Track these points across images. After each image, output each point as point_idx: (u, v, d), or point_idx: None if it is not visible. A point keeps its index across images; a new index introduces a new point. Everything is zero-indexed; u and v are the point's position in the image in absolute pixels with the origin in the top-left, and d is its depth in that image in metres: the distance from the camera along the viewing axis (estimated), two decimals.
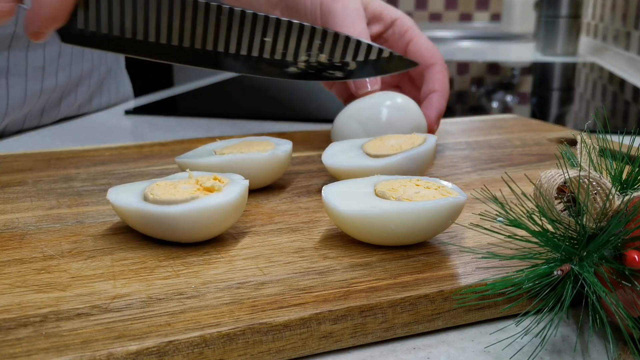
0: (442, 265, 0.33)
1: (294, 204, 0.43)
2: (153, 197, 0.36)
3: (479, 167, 0.53)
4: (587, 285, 0.28)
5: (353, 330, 0.29)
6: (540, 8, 1.72)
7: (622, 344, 0.28)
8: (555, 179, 0.31)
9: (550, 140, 0.62)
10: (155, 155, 0.57)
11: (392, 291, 0.30)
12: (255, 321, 0.28)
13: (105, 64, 0.86)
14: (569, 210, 0.30)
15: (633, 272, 0.27)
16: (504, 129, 0.67)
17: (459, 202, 0.35)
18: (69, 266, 0.33)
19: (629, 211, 0.28)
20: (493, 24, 2.73)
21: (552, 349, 0.29)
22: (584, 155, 0.33)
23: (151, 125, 0.77)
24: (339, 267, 0.33)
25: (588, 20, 1.97)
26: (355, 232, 0.35)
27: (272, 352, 0.28)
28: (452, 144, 0.61)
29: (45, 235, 0.38)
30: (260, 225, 0.39)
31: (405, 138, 0.46)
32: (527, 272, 0.29)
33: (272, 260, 0.34)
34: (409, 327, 0.30)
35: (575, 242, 0.30)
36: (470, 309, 0.31)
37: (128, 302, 0.29)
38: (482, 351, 0.29)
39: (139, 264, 0.34)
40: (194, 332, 0.27)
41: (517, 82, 1.27)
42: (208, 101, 0.99)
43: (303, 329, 0.28)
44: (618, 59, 1.45)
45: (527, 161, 0.55)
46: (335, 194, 0.37)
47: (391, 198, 0.35)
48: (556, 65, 1.49)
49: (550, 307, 0.29)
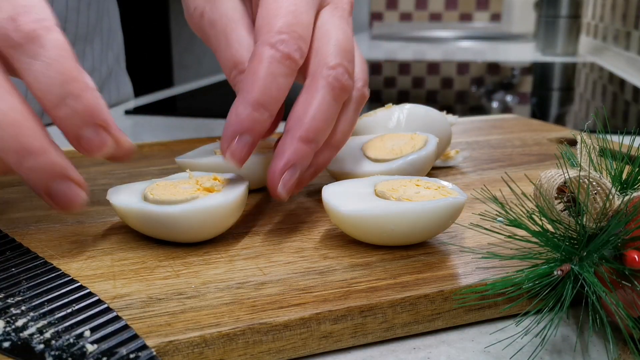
0: (442, 265, 0.33)
1: (294, 204, 0.43)
2: (153, 197, 0.36)
3: (479, 167, 0.53)
4: (587, 285, 0.28)
5: (353, 330, 0.29)
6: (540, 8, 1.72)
7: (622, 344, 0.28)
8: (555, 179, 0.31)
9: (550, 140, 0.62)
10: (155, 155, 0.57)
11: (392, 291, 0.30)
12: (255, 321, 0.28)
13: (106, 65, 0.86)
14: (569, 210, 0.30)
15: (633, 272, 0.27)
16: (504, 129, 0.67)
17: (459, 202, 0.35)
18: (69, 266, 0.33)
19: (629, 211, 0.28)
20: (493, 24, 2.73)
21: (552, 349, 0.29)
22: (584, 155, 0.33)
23: (151, 125, 0.77)
24: (339, 267, 0.33)
25: (588, 20, 1.97)
26: (355, 232, 0.35)
27: (272, 352, 0.28)
28: (452, 144, 0.61)
29: (45, 235, 0.38)
30: (260, 225, 0.40)
31: (405, 139, 0.46)
32: (527, 272, 0.29)
33: (272, 260, 0.34)
34: (409, 327, 0.30)
35: (575, 242, 0.30)
36: (470, 309, 0.31)
37: (128, 302, 0.29)
38: (482, 351, 0.29)
39: (139, 264, 0.34)
40: (194, 332, 0.27)
41: (517, 82, 1.27)
42: (208, 101, 0.99)
43: (303, 329, 0.28)
44: (618, 59, 1.45)
45: (527, 161, 0.55)
46: (335, 194, 0.37)
47: (391, 198, 0.35)
48: (556, 65, 1.49)
49: (550, 307, 0.29)
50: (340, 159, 0.45)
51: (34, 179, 0.31)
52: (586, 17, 1.99)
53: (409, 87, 1.18)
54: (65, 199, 0.32)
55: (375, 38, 2.23)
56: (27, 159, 0.31)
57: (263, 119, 0.35)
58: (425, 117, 0.50)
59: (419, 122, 0.50)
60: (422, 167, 0.44)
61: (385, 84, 1.21)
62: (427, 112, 0.51)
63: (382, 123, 0.50)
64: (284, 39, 0.36)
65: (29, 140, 0.30)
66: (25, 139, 0.30)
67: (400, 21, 2.83)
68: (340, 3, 0.41)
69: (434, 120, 0.50)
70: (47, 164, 0.31)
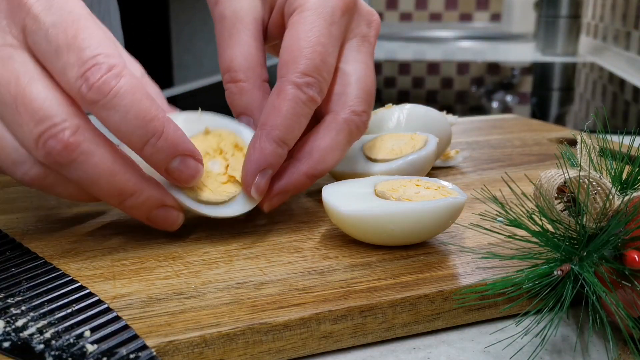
0: (442, 265, 0.33)
1: (294, 204, 0.43)
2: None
3: (479, 167, 0.53)
4: (587, 285, 0.28)
5: (353, 330, 0.29)
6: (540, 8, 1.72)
7: (622, 344, 0.28)
8: (555, 179, 0.31)
9: (550, 140, 0.62)
10: None
11: (392, 291, 0.30)
12: (255, 321, 0.28)
13: None
14: (569, 210, 0.30)
15: (633, 272, 0.27)
16: (504, 129, 0.67)
17: (459, 202, 0.35)
18: (69, 266, 0.33)
19: (629, 211, 0.28)
20: (493, 24, 2.73)
21: (552, 349, 0.29)
22: (584, 155, 0.33)
23: None
24: (339, 267, 0.33)
25: (588, 20, 1.97)
26: (355, 232, 0.35)
27: (272, 352, 0.28)
28: (452, 144, 0.61)
29: (45, 235, 0.38)
30: (260, 225, 0.40)
31: (405, 139, 0.46)
32: (527, 272, 0.29)
33: (272, 260, 0.34)
34: (409, 327, 0.30)
35: (575, 242, 0.30)
36: (470, 309, 0.31)
37: (128, 302, 0.29)
38: (482, 351, 0.29)
39: (139, 264, 0.34)
40: (194, 332, 0.27)
41: (517, 82, 1.27)
42: (208, 101, 0.99)
43: (303, 329, 0.28)
44: (618, 59, 1.45)
45: (527, 161, 0.55)
46: (335, 194, 0.37)
47: (391, 198, 0.35)
48: (556, 65, 1.49)
49: (550, 307, 0.29)
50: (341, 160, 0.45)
51: (135, 214, 0.35)
52: (586, 17, 1.99)
53: (409, 87, 1.18)
54: (164, 223, 0.36)
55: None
56: (127, 201, 0.34)
57: (284, 154, 0.37)
58: (425, 117, 0.50)
59: (419, 122, 0.50)
60: (422, 167, 0.44)
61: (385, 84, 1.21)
62: (427, 112, 0.51)
63: (382, 123, 0.50)
64: (309, 82, 0.36)
65: (124, 185, 0.33)
66: (121, 184, 0.33)
67: (400, 21, 2.83)
68: (367, 37, 0.41)
69: (434, 120, 0.50)
70: (143, 201, 0.34)
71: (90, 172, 0.32)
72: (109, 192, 0.33)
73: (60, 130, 0.31)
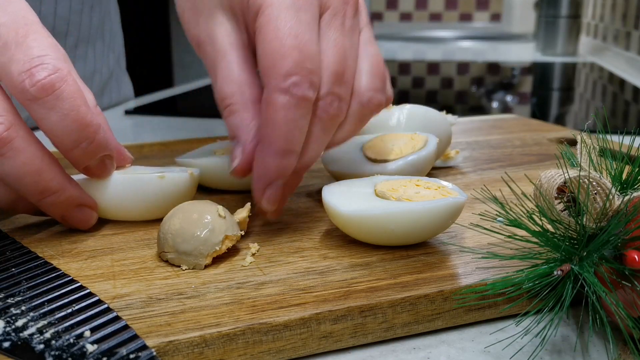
0: (442, 265, 0.33)
1: (294, 204, 0.43)
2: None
3: (479, 167, 0.53)
4: (587, 285, 0.28)
5: (353, 330, 0.29)
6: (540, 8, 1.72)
7: (622, 344, 0.28)
8: (555, 179, 0.31)
9: (550, 140, 0.62)
10: (155, 155, 0.57)
11: (392, 291, 0.30)
12: (255, 321, 0.28)
13: (107, 66, 0.86)
14: (569, 210, 0.30)
15: (633, 272, 0.27)
16: (504, 129, 0.67)
17: (459, 202, 0.35)
18: (69, 266, 0.33)
19: (629, 211, 0.28)
20: (493, 24, 2.72)
21: (552, 349, 0.29)
22: (584, 155, 0.33)
23: (151, 125, 0.77)
24: (339, 267, 0.33)
25: (588, 20, 1.97)
26: (355, 232, 0.35)
27: (272, 352, 0.28)
28: (452, 144, 0.61)
29: (45, 235, 0.38)
30: (260, 225, 0.40)
31: (405, 139, 0.46)
32: (527, 272, 0.29)
33: (272, 260, 0.34)
34: (409, 327, 0.30)
35: (575, 242, 0.30)
36: (470, 309, 0.31)
37: (128, 302, 0.29)
38: (482, 351, 0.29)
39: (139, 264, 0.34)
40: (194, 332, 0.27)
41: (517, 82, 1.27)
42: (208, 101, 0.99)
43: (303, 329, 0.28)
44: (618, 59, 1.45)
45: (527, 161, 0.55)
46: (335, 194, 0.37)
47: (391, 198, 0.35)
48: (556, 65, 1.49)
49: (550, 307, 0.29)
50: (340, 159, 0.45)
51: (52, 211, 0.37)
52: (586, 17, 1.99)
53: (409, 87, 1.18)
54: (78, 222, 0.38)
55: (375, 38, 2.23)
56: (48, 198, 0.36)
57: (291, 162, 0.35)
58: (425, 117, 0.50)
59: (419, 122, 0.50)
60: (422, 167, 0.44)
61: None
62: (427, 112, 0.51)
63: (382, 123, 0.50)
64: (295, 81, 0.33)
65: (48, 183, 0.35)
66: (45, 182, 0.35)
67: (400, 21, 2.82)
68: (339, 11, 0.37)
69: (434, 120, 0.50)
70: (63, 200, 0.36)
71: (18, 168, 0.34)
72: (33, 189, 0.35)
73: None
